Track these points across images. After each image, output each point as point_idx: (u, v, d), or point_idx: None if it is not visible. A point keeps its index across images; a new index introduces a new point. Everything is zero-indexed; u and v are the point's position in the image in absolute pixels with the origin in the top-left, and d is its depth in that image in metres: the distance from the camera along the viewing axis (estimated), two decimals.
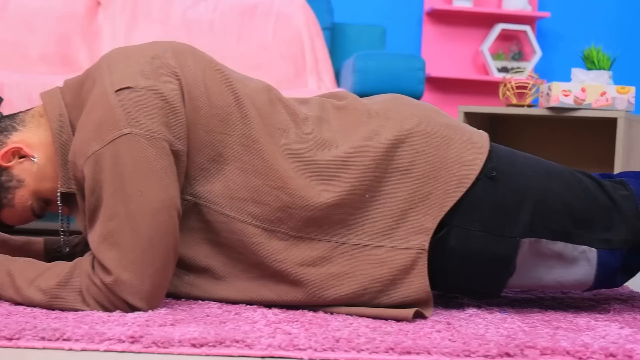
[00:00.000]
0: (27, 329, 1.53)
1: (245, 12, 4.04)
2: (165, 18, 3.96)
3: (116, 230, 1.71)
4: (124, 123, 1.72)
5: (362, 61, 3.41)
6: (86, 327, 1.57)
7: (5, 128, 1.93)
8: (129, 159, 1.71)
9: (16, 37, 3.77)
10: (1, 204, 1.92)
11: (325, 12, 4.18)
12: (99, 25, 3.97)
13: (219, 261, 1.88)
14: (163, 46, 1.88)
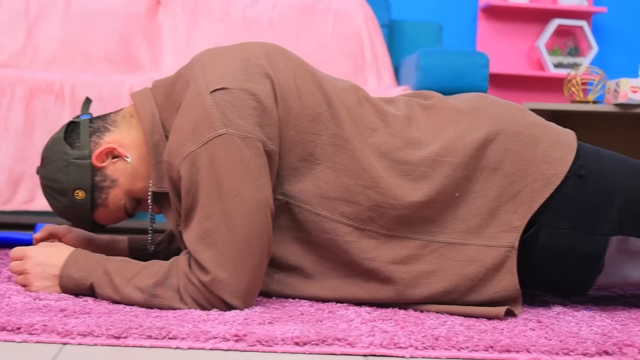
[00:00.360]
0: (133, 327, 1.55)
1: (304, 10, 4.05)
2: (226, 17, 3.98)
3: (213, 230, 1.73)
4: (220, 124, 1.75)
5: (425, 58, 3.41)
6: (190, 325, 1.60)
7: (98, 129, 1.96)
8: (224, 159, 1.73)
9: (80, 37, 3.81)
10: (95, 204, 1.95)
11: (383, 9, 4.18)
12: (159, 24, 4.00)
13: (309, 260, 1.89)
14: (254, 47, 1.90)
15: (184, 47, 3.92)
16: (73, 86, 3.10)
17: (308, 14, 4.04)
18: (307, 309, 1.81)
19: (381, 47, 3.99)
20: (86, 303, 1.77)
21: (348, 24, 4.03)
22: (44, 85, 3.10)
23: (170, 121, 1.91)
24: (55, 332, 1.53)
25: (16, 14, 3.82)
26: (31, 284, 1.86)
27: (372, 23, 4.05)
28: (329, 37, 3.99)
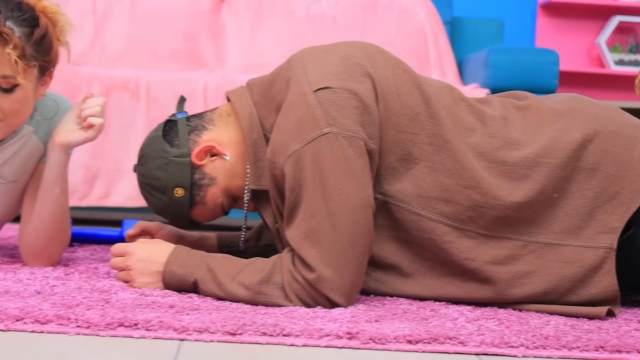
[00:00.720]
0: (247, 324, 1.57)
1: (367, 7, 4.06)
2: (290, 14, 4.00)
3: (317, 228, 1.75)
4: (324, 123, 1.76)
5: (495, 56, 3.41)
6: (302, 323, 1.61)
7: (196, 127, 1.98)
8: (329, 158, 1.75)
9: (146, 34, 3.84)
10: (194, 202, 1.97)
11: (445, 6, 4.18)
12: (223, 22, 4.02)
13: (406, 258, 1.91)
14: (353, 46, 1.92)
15: (248, 45, 3.94)
16: (148, 83, 3.13)
17: (371, 11, 4.05)
18: (409, 307, 1.82)
19: (445, 44, 4.00)
20: (192, 299, 1.79)
21: (411, 21, 4.03)
22: (120, 82, 3.14)
23: (268, 119, 1.93)
24: (171, 328, 1.55)
25: (84, 12, 3.86)
26: (134, 280, 1.89)
27: (435, 20, 4.05)
28: (393, 34, 3.99)
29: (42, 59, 1.91)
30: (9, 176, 2.07)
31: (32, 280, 1.89)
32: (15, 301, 1.65)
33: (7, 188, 2.09)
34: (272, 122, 1.92)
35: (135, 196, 3.15)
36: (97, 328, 1.54)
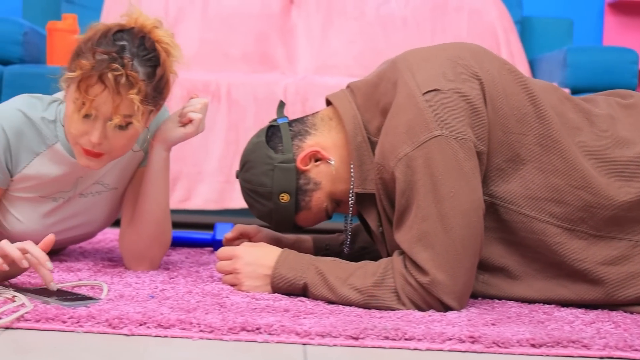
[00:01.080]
0: (368, 328, 1.56)
1: (437, 7, 4.04)
2: (360, 15, 3.99)
3: (430, 231, 1.74)
4: (434, 125, 1.75)
5: (574, 55, 3.39)
6: (422, 326, 1.61)
7: (299, 132, 1.98)
8: (440, 160, 1.74)
9: (218, 36, 3.85)
10: (299, 207, 1.97)
11: (515, 6, 4.15)
12: (293, 23, 4.03)
13: (514, 260, 1.89)
14: (459, 47, 1.90)
15: (319, 46, 3.94)
16: (229, 86, 3.14)
17: (441, 12, 4.03)
18: (520, 310, 1.81)
19: (516, 44, 3.97)
20: (304, 303, 1.79)
21: (482, 21, 4.01)
22: (200, 85, 3.15)
23: (372, 122, 1.92)
24: (294, 332, 1.55)
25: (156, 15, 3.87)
26: (242, 284, 1.89)
27: (507, 20, 4.02)
28: (464, 35, 3.97)
29: (159, 98, 1.91)
30: (110, 183, 2.09)
31: (141, 284, 1.90)
32: (133, 305, 1.66)
33: (109, 195, 2.11)
34: (376, 125, 1.91)
35: (216, 199, 3.16)
36: (220, 332, 1.54)
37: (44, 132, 1.98)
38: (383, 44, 3.93)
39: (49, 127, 1.98)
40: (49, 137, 1.98)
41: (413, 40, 3.95)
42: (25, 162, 1.98)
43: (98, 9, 4.00)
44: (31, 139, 1.97)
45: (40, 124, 1.97)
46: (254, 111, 3.15)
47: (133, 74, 1.81)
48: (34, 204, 2.03)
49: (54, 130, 1.98)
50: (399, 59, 1.91)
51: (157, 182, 2.03)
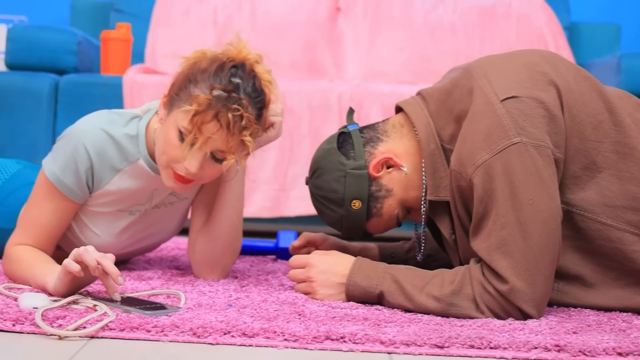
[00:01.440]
0: (452, 337, 1.56)
1: (485, 13, 4.03)
2: (408, 22, 3.99)
3: (508, 239, 1.73)
4: (513, 132, 1.74)
5: (629, 60, 3.36)
6: (506, 335, 1.60)
7: (370, 139, 1.98)
8: (519, 168, 1.73)
9: (266, 44, 3.85)
10: (370, 214, 1.97)
11: (563, 11, 4.13)
12: (340, 31, 4.03)
13: (589, 269, 1.88)
14: (533, 54, 1.89)
15: (367, 53, 3.94)
16: (283, 94, 3.14)
17: (489, 18, 4.02)
18: (599, 318, 1.79)
19: (566, 49, 3.95)
20: (380, 312, 1.79)
21: (531, 27, 3.99)
22: None
23: (445, 129, 1.91)
24: (378, 341, 1.54)
25: (205, 23, 3.90)
26: (316, 292, 1.89)
27: (555, 26, 4.00)
28: (513, 41, 3.95)
29: (258, 136, 1.92)
30: (182, 194, 2.10)
31: (214, 292, 1.91)
32: (214, 314, 1.66)
33: (180, 205, 2.12)
34: (449, 133, 1.90)
35: (270, 207, 3.16)
36: (304, 341, 1.54)
37: (126, 149, 1.98)
38: (432, 50, 3.92)
39: (131, 143, 1.98)
40: (131, 154, 1.99)
41: (462, 47, 3.94)
42: (107, 179, 1.99)
43: (147, 18, 4.02)
44: (113, 157, 1.97)
45: (122, 141, 1.97)
46: (308, 119, 3.16)
47: (250, 117, 1.81)
48: (112, 218, 2.04)
49: (136, 146, 1.99)
50: (473, 66, 1.90)
51: (236, 188, 2.04)
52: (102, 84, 3.22)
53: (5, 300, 1.72)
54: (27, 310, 1.62)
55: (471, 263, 1.80)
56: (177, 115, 1.84)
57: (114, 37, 3.38)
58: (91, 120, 1.98)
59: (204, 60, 1.86)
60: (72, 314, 1.61)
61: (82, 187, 1.97)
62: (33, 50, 3.35)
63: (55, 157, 1.96)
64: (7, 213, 2.14)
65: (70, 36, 3.39)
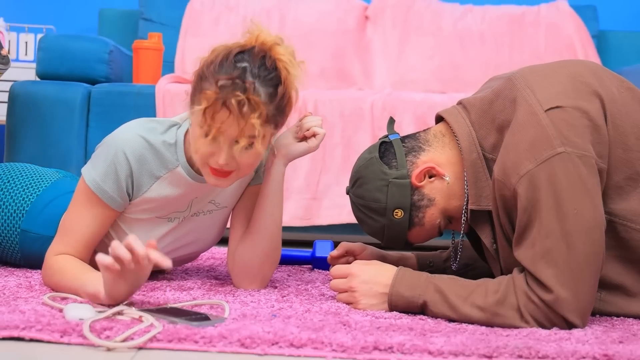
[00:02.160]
0: (500, 347, 1.55)
1: (514, 22, 4.02)
2: (437, 30, 3.99)
3: (553, 248, 1.73)
4: (558, 142, 1.74)
5: None
6: (553, 344, 1.59)
7: (412, 148, 1.98)
8: (564, 177, 1.73)
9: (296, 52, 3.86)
10: (412, 223, 1.97)
11: (592, 20, 4.12)
12: (368, 39, 4.03)
13: (632, 278, 1.87)
14: (577, 64, 1.89)
15: (396, 62, 3.94)
16: (316, 102, 3.15)
17: (518, 26, 4.01)
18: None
19: (595, 58, 3.94)
20: (425, 322, 1.79)
21: (560, 35, 3.98)
22: None
23: (487, 139, 1.91)
24: (426, 351, 1.54)
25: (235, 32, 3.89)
26: (358, 302, 1.89)
27: (584, 34, 3.99)
28: (542, 49, 3.95)
29: (281, 116, 1.91)
30: (221, 202, 2.10)
31: (257, 303, 1.91)
32: (260, 325, 1.66)
33: (219, 214, 2.13)
34: (491, 142, 1.90)
35: (302, 215, 3.17)
36: (352, 352, 1.54)
37: (165, 156, 1.99)
38: (461, 58, 3.92)
39: (169, 150, 1.99)
40: (170, 161, 2.00)
41: (491, 55, 3.94)
42: (147, 187, 1.99)
43: (177, 27, 4.04)
44: (152, 164, 1.98)
45: (161, 148, 1.99)
46: (340, 127, 3.16)
47: (255, 98, 1.81)
48: (150, 225, 2.05)
49: (175, 153, 2.00)
50: (515, 75, 1.90)
51: (275, 196, 2.05)
52: (135, 93, 3.23)
53: (50, 311, 1.72)
54: (73, 321, 1.63)
55: (514, 272, 1.80)
56: (194, 113, 1.86)
57: (146, 47, 3.40)
58: (130, 128, 1.99)
59: (213, 54, 1.88)
60: (118, 325, 1.61)
61: (122, 194, 1.98)
62: (65, 59, 3.36)
63: (95, 164, 1.98)
64: (47, 221, 2.16)
65: (101, 45, 3.40)
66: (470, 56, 3.93)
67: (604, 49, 4.17)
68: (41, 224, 2.17)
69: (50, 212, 2.16)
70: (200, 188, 2.02)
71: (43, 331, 1.57)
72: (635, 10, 4.50)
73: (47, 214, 2.17)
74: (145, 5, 4.12)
